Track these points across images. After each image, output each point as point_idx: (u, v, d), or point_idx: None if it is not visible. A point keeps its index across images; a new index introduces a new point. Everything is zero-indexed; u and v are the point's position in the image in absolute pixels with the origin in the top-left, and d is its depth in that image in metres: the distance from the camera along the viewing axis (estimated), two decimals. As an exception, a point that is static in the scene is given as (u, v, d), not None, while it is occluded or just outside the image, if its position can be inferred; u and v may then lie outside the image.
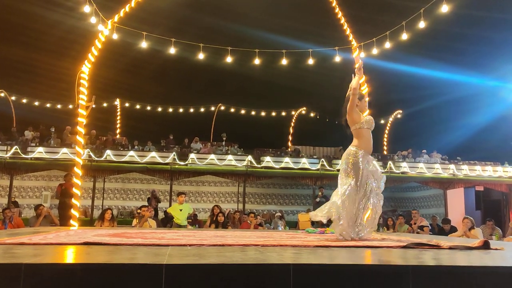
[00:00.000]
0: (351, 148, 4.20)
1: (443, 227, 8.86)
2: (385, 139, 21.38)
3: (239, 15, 15.29)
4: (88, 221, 13.03)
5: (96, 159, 13.84)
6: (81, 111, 6.55)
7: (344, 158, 4.21)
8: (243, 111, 20.25)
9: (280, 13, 16.46)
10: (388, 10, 13.71)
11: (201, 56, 8.51)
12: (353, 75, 4.35)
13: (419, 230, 8.65)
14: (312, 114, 21.58)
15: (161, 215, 11.68)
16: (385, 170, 15.78)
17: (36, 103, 18.42)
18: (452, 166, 16.38)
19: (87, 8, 7.03)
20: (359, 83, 4.30)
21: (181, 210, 9.18)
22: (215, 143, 17.79)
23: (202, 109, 20.34)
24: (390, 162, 15.96)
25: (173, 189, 14.45)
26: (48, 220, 8.31)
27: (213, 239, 3.64)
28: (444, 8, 6.84)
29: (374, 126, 4.32)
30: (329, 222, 4.30)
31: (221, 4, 15.37)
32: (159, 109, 20.04)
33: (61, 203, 9.30)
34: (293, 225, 13.36)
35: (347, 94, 4.32)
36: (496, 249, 3.08)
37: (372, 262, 2.35)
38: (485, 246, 3.12)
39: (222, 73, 15.85)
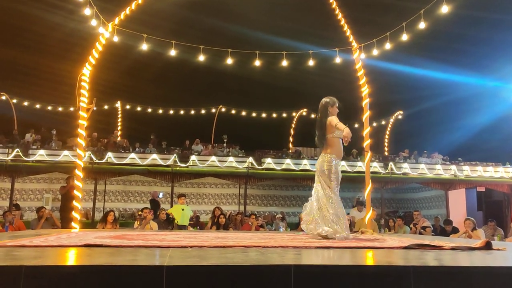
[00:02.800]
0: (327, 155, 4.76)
1: (445, 228, 8.85)
2: (386, 140, 21.36)
3: (239, 16, 15.30)
4: (89, 223, 13.03)
5: (97, 161, 13.85)
6: (82, 113, 6.56)
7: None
8: (244, 113, 20.25)
9: (280, 15, 16.47)
10: (388, 11, 13.72)
11: (201, 58, 8.49)
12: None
13: (421, 230, 8.64)
14: (313, 116, 21.53)
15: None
16: (386, 171, 15.76)
17: (37, 106, 18.45)
18: (453, 167, 16.35)
19: (87, 11, 7.03)
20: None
21: (183, 209, 9.25)
22: (216, 145, 17.80)
23: (203, 111, 20.34)
24: (391, 163, 15.95)
25: (174, 191, 14.44)
26: (49, 222, 8.32)
27: (214, 240, 3.63)
28: (444, 9, 6.83)
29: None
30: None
31: (221, 6, 15.39)
32: (160, 111, 20.05)
33: (63, 206, 9.31)
34: (294, 227, 13.32)
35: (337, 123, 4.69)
36: (498, 249, 3.07)
37: (374, 263, 2.35)
38: (487, 246, 3.11)
39: (223, 75, 15.85)
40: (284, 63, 8.65)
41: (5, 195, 15.22)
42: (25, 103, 18.29)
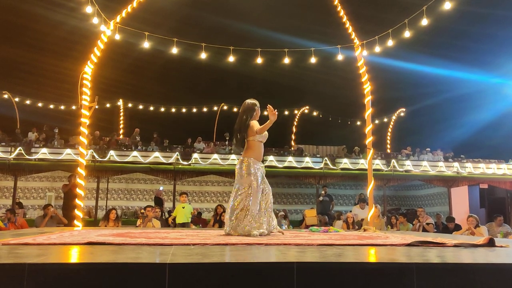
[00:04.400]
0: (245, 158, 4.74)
1: (447, 225, 8.84)
2: (388, 138, 21.34)
3: (241, 14, 15.28)
4: (92, 221, 13.06)
5: (100, 159, 13.87)
6: (84, 111, 6.57)
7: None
8: (246, 111, 20.20)
9: (282, 12, 16.44)
10: (390, 7, 13.67)
11: (203, 55, 8.48)
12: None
13: (425, 225, 8.64)
14: (315, 113, 21.54)
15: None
16: (389, 168, 15.74)
17: (40, 104, 18.48)
18: (456, 164, 16.32)
19: (89, 9, 7.02)
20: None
21: (183, 207, 9.30)
22: (218, 142, 17.79)
23: (204, 109, 20.34)
24: (393, 161, 15.93)
25: (176, 189, 14.46)
26: (55, 220, 8.36)
27: (216, 238, 3.64)
28: (447, 5, 6.81)
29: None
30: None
31: (223, 4, 15.37)
32: (162, 109, 20.06)
33: (65, 204, 9.36)
34: (296, 224, 13.35)
35: (248, 122, 4.86)
36: (501, 246, 3.07)
37: (376, 260, 2.34)
38: (490, 243, 3.11)
39: (225, 73, 15.85)
40: (286, 60, 8.64)
41: (8, 194, 15.27)
42: (27, 102, 18.32)
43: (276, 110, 4.59)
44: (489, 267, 2.06)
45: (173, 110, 20.19)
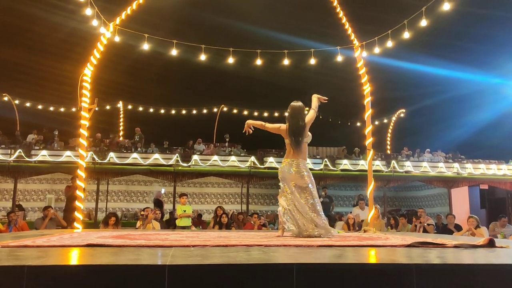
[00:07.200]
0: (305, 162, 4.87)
1: (447, 223, 8.85)
2: (388, 138, 21.33)
3: (241, 15, 15.29)
4: (92, 223, 13.05)
5: (100, 161, 13.87)
6: (84, 113, 6.57)
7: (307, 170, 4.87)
8: (245, 112, 20.22)
9: (282, 13, 16.46)
10: (389, 8, 13.68)
11: (203, 57, 8.49)
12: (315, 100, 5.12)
13: (425, 226, 8.64)
14: (314, 114, 21.50)
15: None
16: (389, 169, 15.73)
17: (40, 107, 18.49)
18: (456, 165, 16.31)
19: (88, 11, 7.03)
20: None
21: (184, 211, 9.25)
22: (218, 144, 17.79)
23: (204, 111, 20.34)
24: (393, 161, 15.92)
25: (176, 190, 14.45)
26: (54, 222, 8.34)
27: (216, 239, 3.63)
28: (446, 6, 6.81)
29: None
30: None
31: (222, 5, 15.38)
32: (162, 111, 20.06)
33: (68, 206, 9.35)
34: (297, 225, 13.32)
35: (309, 114, 5.09)
36: (501, 247, 3.06)
37: (376, 261, 2.34)
38: (490, 244, 3.10)
39: (224, 74, 15.84)
40: (286, 61, 8.64)
41: (8, 196, 15.26)
42: (27, 104, 18.34)
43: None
44: (489, 268, 2.05)
45: (173, 111, 20.20)
